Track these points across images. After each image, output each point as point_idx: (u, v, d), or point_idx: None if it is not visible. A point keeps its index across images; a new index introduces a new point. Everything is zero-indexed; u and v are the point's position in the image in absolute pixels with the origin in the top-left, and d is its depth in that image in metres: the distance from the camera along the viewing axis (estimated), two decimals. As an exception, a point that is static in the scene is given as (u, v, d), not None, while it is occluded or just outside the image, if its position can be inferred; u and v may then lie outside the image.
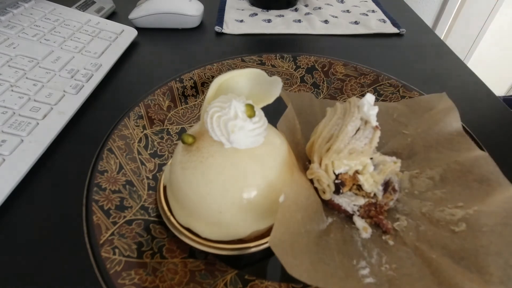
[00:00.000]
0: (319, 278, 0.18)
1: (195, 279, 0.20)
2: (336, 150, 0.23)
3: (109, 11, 0.52)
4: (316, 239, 0.21)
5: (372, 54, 0.47)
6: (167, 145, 0.30)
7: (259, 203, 0.19)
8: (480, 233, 0.21)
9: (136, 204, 0.24)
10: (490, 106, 0.38)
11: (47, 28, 0.40)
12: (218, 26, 0.50)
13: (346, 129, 0.23)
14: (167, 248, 0.22)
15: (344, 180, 0.23)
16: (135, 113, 0.30)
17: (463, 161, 0.26)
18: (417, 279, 0.20)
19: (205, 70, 0.37)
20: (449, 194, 0.25)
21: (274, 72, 0.39)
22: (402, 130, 0.31)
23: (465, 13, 1.29)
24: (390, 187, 0.24)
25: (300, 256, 0.18)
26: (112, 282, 0.19)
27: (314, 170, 0.23)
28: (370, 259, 0.22)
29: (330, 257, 0.21)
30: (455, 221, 0.23)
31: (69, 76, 0.35)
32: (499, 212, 0.22)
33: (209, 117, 0.19)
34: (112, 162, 0.26)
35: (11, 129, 0.28)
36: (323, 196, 0.24)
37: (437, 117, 0.30)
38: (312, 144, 0.25)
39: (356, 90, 0.37)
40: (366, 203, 0.24)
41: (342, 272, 0.20)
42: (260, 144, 0.20)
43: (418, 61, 0.46)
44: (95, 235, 0.21)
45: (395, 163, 0.23)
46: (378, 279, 0.20)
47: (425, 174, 0.27)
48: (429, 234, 0.23)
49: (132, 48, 0.45)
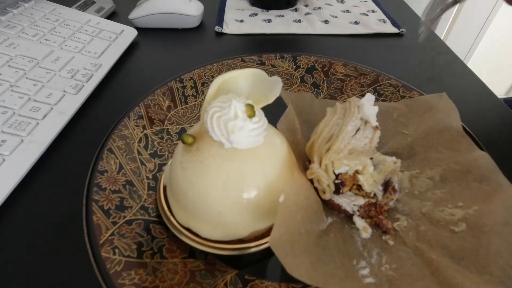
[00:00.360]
0: (318, 278, 0.18)
1: (195, 279, 0.20)
2: (336, 150, 0.23)
3: (109, 11, 0.52)
4: (316, 239, 0.21)
5: (372, 54, 0.47)
6: (167, 145, 0.30)
7: (259, 203, 0.19)
8: (480, 233, 0.21)
9: (136, 204, 0.24)
10: (490, 106, 0.38)
11: (47, 28, 0.40)
12: (218, 26, 0.50)
13: (346, 129, 0.23)
14: (167, 248, 0.22)
15: (344, 180, 0.23)
16: (135, 113, 0.30)
17: (463, 161, 0.26)
18: (417, 279, 0.20)
19: (205, 70, 0.37)
20: (449, 194, 0.25)
21: (274, 72, 0.39)
22: (402, 130, 0.31)
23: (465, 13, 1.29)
24: (390, 187, 0.24)
25: (300, 256, 0.18)
26: (112, 282, 0.19)
27: (314, 170, 0.23)
28: (370, 259, 0.22)
29: (330, 257, 0.21)
30: (455, 221, 0.23)
31: (69, 76, 0.35)
32: (499, 211, 0.22)
33: (209, 117, 0.19)
34: (112, 162, 0.26)
35: (11, 129, 0.28)
36: (323, 196, 0.24)
37: (437, 117, 0.30)
38: (312, 144, 0.25)
39: (356, 90, 0.37)
40: (366, 203, 0.24)
41: (342, 272, 0.20)
42: (260, 144, 0.20)
43: (418, 61, 0.46)
44: (95, 235, 0.21)
45: (395, 163, 0.23)
46: (378, 279, 0.20)
47: (425, 174, 0.27)
48: (429, 234, 0.23)
49: (132, 48, 0.45)
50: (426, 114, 0.31)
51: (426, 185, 0.26)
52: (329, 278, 0.19)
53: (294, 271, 0.16)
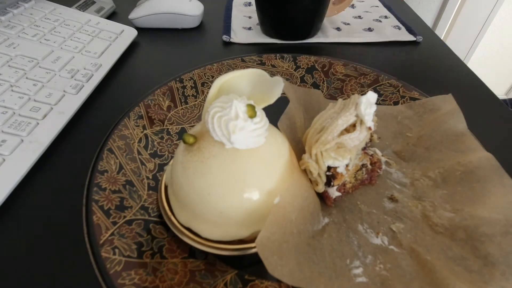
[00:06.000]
0: (302, 278, 0.18)
1: (195, 279, 0.20)
2: (323, 141, 0.22)
3: (109, 11, 0.52)
4: (308, 239, 0.21)
5: (372, 54, 0.47)
6: (167, 145, 0.30)
7: (259, 204, 0.19)
8: (478, 243, 0.21)
9: (136, 204, 0.24)
10: (490, 106, 0.38)
11: (47, 28, 0.40)
12: (226, 36, 0.48)
13: (336, 122, 0.23)
14: (167, 248, 0.22)
15: (336, 174, 0.23)
16: (135, 113, 0.30)
17: (466, 162, 0.26)
18: (411, 279, 0.20)
19: (205, 70, 0.37)
20: (450, 196, 0.25)
21: (274, 72, 0.39)
22: (406, 133, 0.31)
23: (465, 13, 1.29)
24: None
25: (286, 257, 0.18)
26: (112, 282, 0.19)
27: (304, 160, 0.23)
28: (364, 259, 0.22)
29: (321, 257, 0.21)
30: (454, 227, 0.23)
31: (69, 76, 0.35)
32: (499, 219, 0.22)
33: (210, 117, 0.19)
34: (112, 162, 0.26)
35: (11, 129, 0.28)
36: (316, 188, 0.24)
37: (442, 119, 0.30)
38: (306, 136, 0.25)
39: (356, 90, 0.37)
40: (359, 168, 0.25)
41: (332, 272, 0.20)
42: (261, 145, 0.20)
43: (418, 61, 0.46)
44: (95, 235, 0.21)
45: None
46: (371, 279, 0.20)
47: (427, 176, 0.27)
48: (427, 239, 0.23)
49: (132, 48, 0.45)
50: (430, 116, 0.31)
51: (428, 187, 0.26)
52: (316, 277, 0.19)
53: (277, 271, 0.17)
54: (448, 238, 0.23)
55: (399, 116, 0.33)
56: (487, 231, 0.22)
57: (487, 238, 0.21)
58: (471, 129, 0.29)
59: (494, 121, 0.36)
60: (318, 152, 0.23)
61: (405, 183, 0.27)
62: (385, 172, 0.28)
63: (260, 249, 0.17)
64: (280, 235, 0.18)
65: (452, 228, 0.23)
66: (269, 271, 0.16)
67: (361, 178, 0.26)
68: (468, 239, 0.22)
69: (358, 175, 0.26)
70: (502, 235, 0.21)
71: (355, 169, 0.25)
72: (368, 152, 0.26)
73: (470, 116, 0.30)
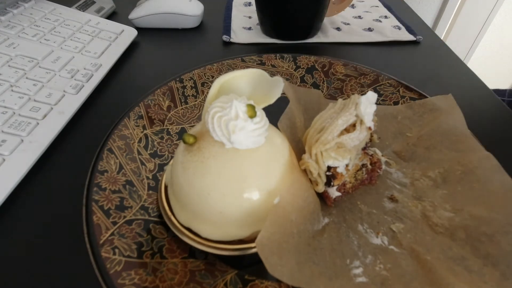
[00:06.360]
0: (302, 278, 0.18)
1: (195, 279, 0.20)
2: (323, 141, 0.22)
3: (109, 11, 0.52)
4: (308, 240, 0.21)
5: (372, 54, 0.47)
6: (167, 145, 0.30)
7: (259, 204, 0.19)
8: (478, 243, 0.21)
9: (136, 204, 0.24)
10: (490, 106, 0.38)
11: (47, 28, 0.40)
12: (226, 36, 0.48)
13: (336, 122, 0.23)
14: (167, 248, 0.22)
15: (336, 174, 0.23)
16: (135, 113, 0.30)
17: (466, 162, 0.26)
18: (411, 279, 0.20)
19: (205, 70, 0.37)
20: (450, 196, 0.25)
21: (274, 72, 0.39)
22: (406, 133, 0.31)
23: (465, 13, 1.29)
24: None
25: (286, 256, 0.18)
26: (112, 282, 0.19)
27: (304, 160, 0.23)
28: (364, 259, 0.22)
29: (321, 256, 0.21)
30: (454, 227, 0.23)
31: (69, 76, 0.35)
32: (499, 219, 0.22)
33: (210, 117, 0.19)
34: (112, 162, 0.26)
35: (11, 129, 0.28)
36: (316, 188, 0.24)
37: (442, 119, 0.30)
38: (306, 136, 0.25)
39: (356, 90, 0.37)
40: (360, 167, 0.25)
41: (332, 272, 0.20)
42: (261, 145, 0.20)
43: (418, 61, 0.46)
44: (95, 235, 0.21)
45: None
46: (371, 279, 0.20)
47: (427, 176, 0.27)
48: (427, 239, 0.23)
49: (132, 48, 0.45)
50: (430, 116, 0.31)
51: (428, 187, 0.26)
52: (316, 277, 0.19)
53: (277, 271, 0.17)
54: (448, 238, 0.23)
55: (399, 116, 0.33)
56: (487, 231, 0.22)
57: (487, 238, 0.21)
58: (471, 129, 0.29)
59: (494, 121, 0.36)
60: (318, 152, 0.23)
61: (405, 183, 0.27)
62: (385, 172, 0.28)
63: (260, 249, 0.17)
64: (280, 235, 0.18)
65: (452, 228, 0.23)
66: (269, 271, 0.16)
67: (361, 178, 0.26)
68: (468, 239, 0.22)
69: (358, 175, 0.26)
70: (502, 235, 0.21)
71: (355, 169, 0.25)
72: (368, 152, 0.26)
73: (470, 116, 0.30)
